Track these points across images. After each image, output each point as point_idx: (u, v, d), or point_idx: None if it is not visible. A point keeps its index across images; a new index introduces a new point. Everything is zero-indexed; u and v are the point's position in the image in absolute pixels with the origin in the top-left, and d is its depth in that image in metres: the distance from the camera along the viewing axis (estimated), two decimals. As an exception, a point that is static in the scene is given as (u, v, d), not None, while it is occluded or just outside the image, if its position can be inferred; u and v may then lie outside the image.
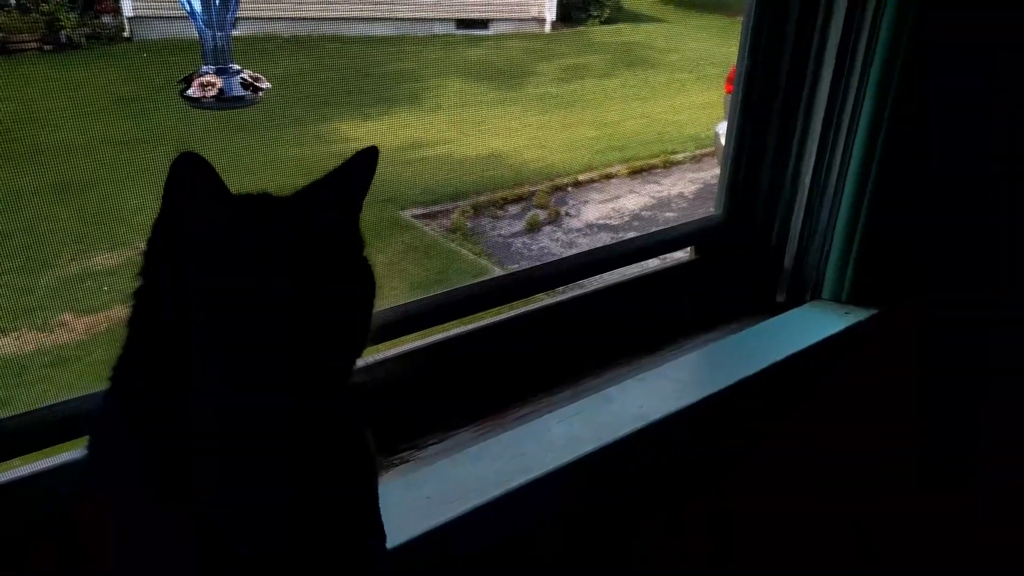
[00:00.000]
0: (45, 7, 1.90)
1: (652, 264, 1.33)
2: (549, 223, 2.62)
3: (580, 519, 1.04)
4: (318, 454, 0.60)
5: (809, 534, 1.37)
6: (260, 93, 0.82)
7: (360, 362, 0.65)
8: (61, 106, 1.76)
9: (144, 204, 1.65)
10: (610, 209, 2.65)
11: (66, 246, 1.64)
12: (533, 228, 2.54)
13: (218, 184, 0.56)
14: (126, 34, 2.01)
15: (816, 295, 1.32)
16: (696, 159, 3.39)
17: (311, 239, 0.60)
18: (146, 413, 0.58)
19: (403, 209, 2.33)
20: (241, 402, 0.56)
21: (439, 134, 2.62)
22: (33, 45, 1.88)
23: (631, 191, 3.03)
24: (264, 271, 0.57)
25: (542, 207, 2.79)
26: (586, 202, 2.92)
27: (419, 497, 0.87)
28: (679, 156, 3.38)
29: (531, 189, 2.83)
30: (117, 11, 2.03)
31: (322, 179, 0.64)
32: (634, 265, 1.30)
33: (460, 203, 2.60)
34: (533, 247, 1.18)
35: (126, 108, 1.88)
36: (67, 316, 1.60)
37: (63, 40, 1.92)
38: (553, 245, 2.23)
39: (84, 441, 0.64)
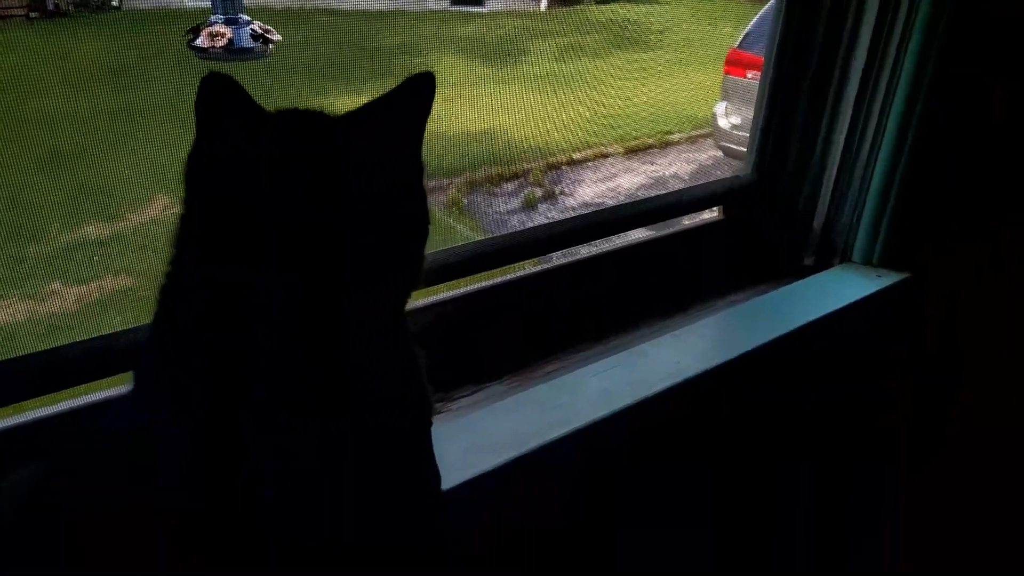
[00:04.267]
0: (33, -27, 1.86)
1: (680, 223, 1.34)
2: (545, 201, 2.60)
3: (615, 473, 1.04)
4: (372, 393, 0.58)
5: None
6: (270, 45, 0.80)
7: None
8: (49, 75, 1.73)
9: (135, 175, 1.63)
10: (605, 188, 2.64)
11: (56, 217, 1.61)
12: (529, 205, 2.53)
13: (250, 103, 0.52)
14: (115, 3, 1.97)
15: (846, 258, 1.32)
16: (692, 140, 3.38)
17: (356, 160, 0.56)
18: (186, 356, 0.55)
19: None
20: (286, 336, 0.53)
21: (434, 110, 2.59)
22: (20, 12, 1.85)
23: (627, 170, 3.01)
24: (305, 193, 0.54)
25: (538, 185, 2.77)
26: (581, 181, 2.91)
27: (457, 448, 0.86)
28: (675, 136, 3.37)
29: (526, 167, 2.81)
30: (107, -21, 1.99)
31: (377, 100, 0.59)
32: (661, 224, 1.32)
33: (455, 179, 2.58)
34: (529, 224, 1.18)
35: (115, 78, 1.85)
36: (57, 286, 1.57)
37: (50, 8, 1.89)
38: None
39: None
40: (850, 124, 1.24)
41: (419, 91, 0.59)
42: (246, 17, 0.79)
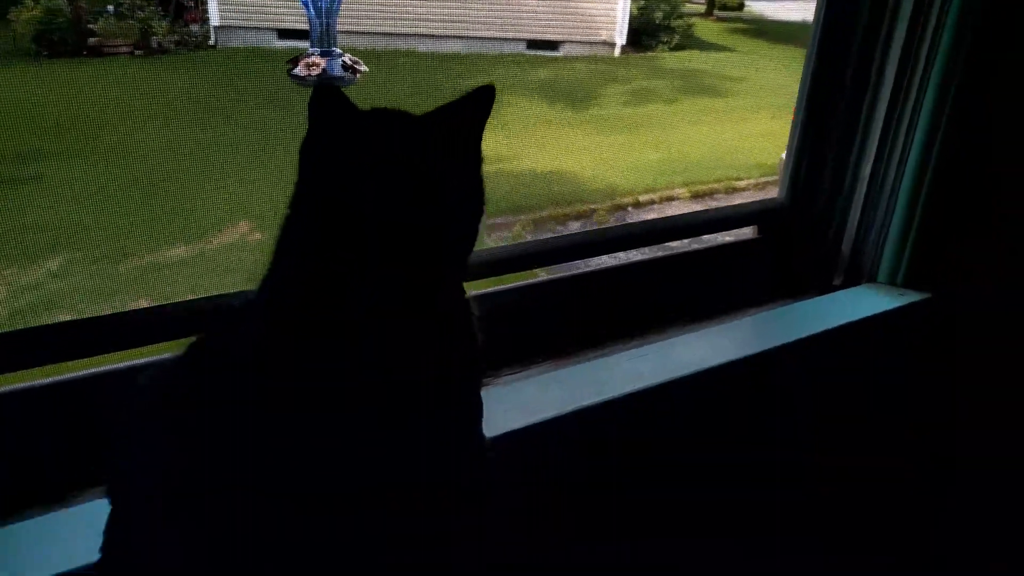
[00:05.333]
0: (140, 15, 2.00)
1: (717, 240, 1.43)
2: (608, 242, 2.62)
3: (639, 443, 1.13)
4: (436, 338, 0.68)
5: (852, 490, 1.39)
6: (357, 75, 0.90)
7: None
8: (148, 107, 1.85)
9: (217, 203, 1.72)
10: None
11: (146, 236, 1.71)
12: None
13: (349, 104, 0.64)
14: (211, 42, 2.10)
15: (872, 279, 1.38)
16: (759, 186, 3.35)
17: (439, 150, 0.67)
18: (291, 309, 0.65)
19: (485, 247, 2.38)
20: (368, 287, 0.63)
21: (503, 150, 2.66)
22: (125, 49, 1.97)
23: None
24: (396, 176, 0.65)
25: (602, 225, 2.79)
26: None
27: (498, 409, 0.97)
28: (742, 183, 3.35)
29: (592, 207, 2.84)
30: (205, 20, 2.12)
31: (449, 105, 0.70)
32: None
33: (521, 217, 2.63)
34: (591, 262, 1.23)
35: (208, 112, 1.96)
36: (144, 302, 1.68)
37: (154, 46, 2.01)
38: (611, 263, 2.24)
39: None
40: (876, 152, 1.32)
41: (483, 98, 0.69)
42: (338, 51, 0.90)
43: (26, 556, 0.74)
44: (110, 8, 2.02)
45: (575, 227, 2.79)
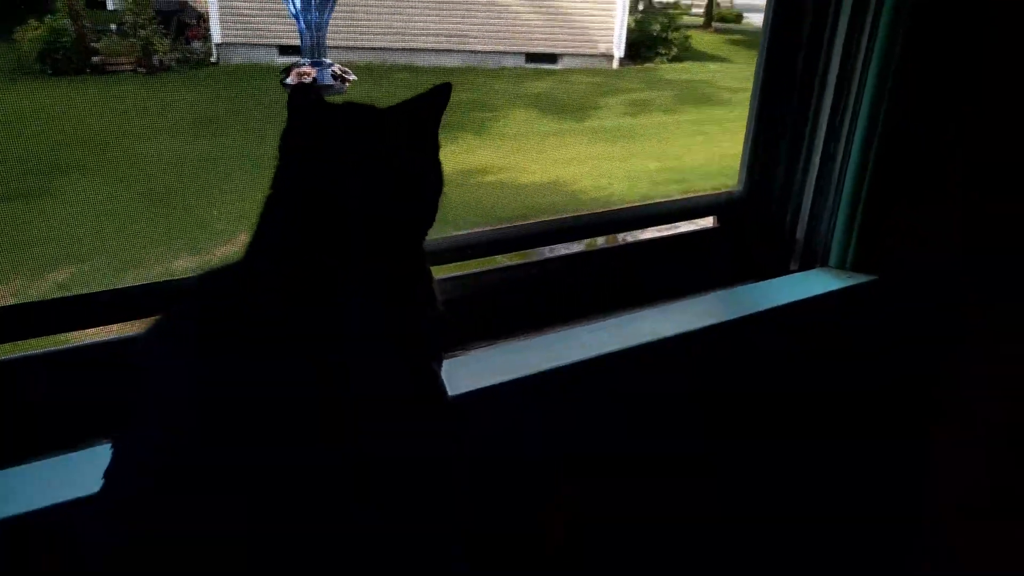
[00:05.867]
0: (143, 32, 2.03)
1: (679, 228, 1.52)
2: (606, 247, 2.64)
3: (596, 408, 1.21)
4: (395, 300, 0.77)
5: (794, 471, 1.50)
6: (347, 84, 0.95)
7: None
8: (152, 123, 1.88)
9: (222, 214, 1.74)
10: (681, 232, 2.65)
11: (151, 249, 1.74)
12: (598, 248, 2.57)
13: (321, 99, 0.76)
14: (213, 59, 2.13)
15: (824, 263, 1.48)
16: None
17: (399, 136, 0.78)
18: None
19: (460, 231, 2.39)
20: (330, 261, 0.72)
21: (502, 161, 2.69)
22: (128, 67, 2.00)
23: (690, 221, 3.03)
24: (361, 157, 0.75)
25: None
26: (644, 229, 2.93)
27: (464, 372, 1.06)
28: (740, 191, 3.36)
29: (601, 210, 2.85)
30: (207, 37, 2.15)
31: (410, 99, 0.80)
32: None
33: (518, 224, 2.64)
34: (556, 249, 1.32)
35: (208, 126, 1.99)
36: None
37: (156, 63, 2.04)
38: (575, 249, 2.28)
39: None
40: (823, 144, 1.41)
41: (440, 94, 0.79)
42: (328, 61, 0.96)
43: (32, 491, 0.80)
44: (113, 27, 2.05)
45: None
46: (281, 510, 0.59)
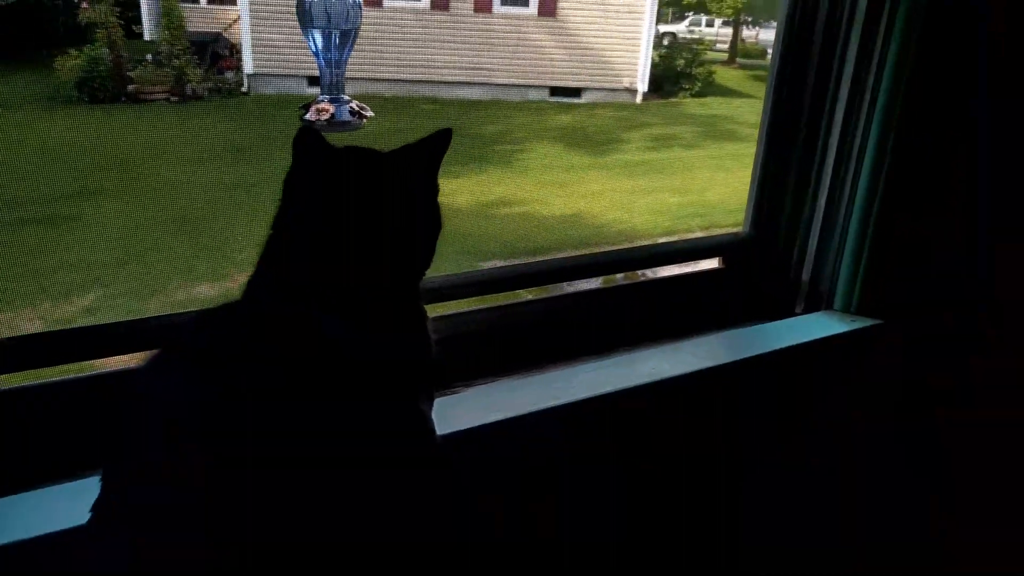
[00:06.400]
0: (176, 62, 2.08)
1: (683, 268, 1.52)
2: (626, 281, 2.63)
3: (591, 447, 1.20)
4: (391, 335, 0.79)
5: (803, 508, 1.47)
6: (364, 120, 0.97)
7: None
8: (181, 151, 1.91)
9: (249, 241, 1.76)
10: (688, 272, 2.64)
11: (175, 275, 1.77)
12: (608, 285, 2.56)
13: (324, 142, 0.75)
14: (244, 89, 2.17)
15: (829, 306, 1.46)
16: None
17: (399, 181, 0.80)
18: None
19: (484, 261, 2.39)
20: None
21: (525, 194, 2.71)
22: (161, 96, 2.05)
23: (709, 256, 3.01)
24: (361, 201, 0.77)
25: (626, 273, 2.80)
26: (665, 264, 2.92)
27: (460, 409, 1.06)
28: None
29: (611, 249, 2.86)
30: (239, 68, 2.20)
31: (411, 144, 0.81)
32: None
33: (539, 258, 2.65)
34: (564, 287, 1.34)
35: (238, 155, 2.02)
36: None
37: (188, 92, 2.09)
38: (585, 287, 2.28)
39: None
40: (829, 186, 1.40)
41: (441, 139, 0.80)
42: (346, 97, 0.98)
43: (24, 521, 0.81)
44: (149, 56, 2.10)
45: (594, 269, 2.80)
46: (275, 539, 0.61)
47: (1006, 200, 1.47)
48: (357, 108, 0.95)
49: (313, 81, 2.09)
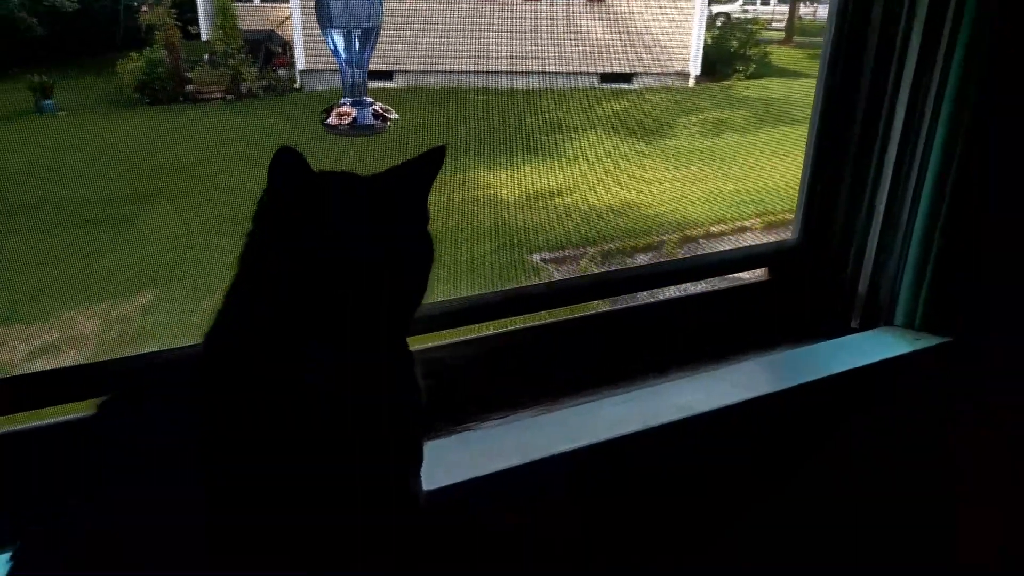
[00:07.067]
0: (232, 62, 2.12)
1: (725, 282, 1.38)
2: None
3: (622, 493, 1.08)
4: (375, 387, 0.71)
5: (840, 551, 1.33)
6: (388, 123, 0.92)
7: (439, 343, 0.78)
8: (235, 149, 1.95)
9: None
10: (727, 286, 2.60)
11: (227, 275, 1.80)
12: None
13: (306, 167, 0.67)
14: (297, 85, 2.20)
15: (889, 321, 1.31)
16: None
17: (382, 210, 0.71)
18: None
19: (533, 253, 2.38)
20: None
21: (575, 183, 2.68)
22: (218, 95, 2.09)
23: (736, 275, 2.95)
24: (342, 232, 0.68)
25: (671, 257, 2.77)
26: (704, 278, 2.87)
27: (472, 452, 0.97)
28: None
29: (661, 239, 2.82)
30: (291, 65, 2.23)
31: (399, 165, 0.74)
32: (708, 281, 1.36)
33: (589, 249, 2.64)
34: (659, 295, 1.21)
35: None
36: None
37: (244, 91, 2.13)
38: (680, 295, 2.23)
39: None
40: (889, 188, 1.26)
41: (431, 160, 0.73)
42: (369, 99, 0.92)
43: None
44: (205, 56, 2.14)
45: (643, 259, 2.78)
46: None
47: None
48: (381, 111, 0.91)
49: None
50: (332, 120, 0.89)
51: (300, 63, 2.20)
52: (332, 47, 0.90)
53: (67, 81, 1.82)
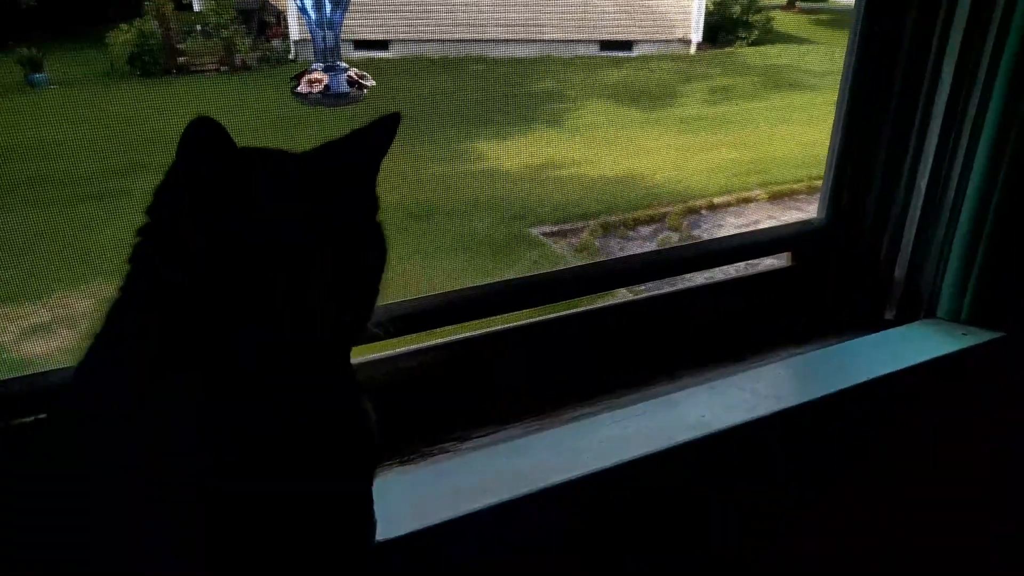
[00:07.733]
0: (225, 32, 2.08)
1: (745, 268, 1.25)
2: (681, 246, 2.58)
3: (610, 533, 0.93)
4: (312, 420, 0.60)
5: None
6: (364, 90, 0.83)
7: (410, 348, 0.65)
8: (229, 121, 1.92)
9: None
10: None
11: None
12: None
13: (228, 141, 0.55)
14: (291, 56, 2.16)
15: (931, 314, 1.17)
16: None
17: (317, 195, 0.59)
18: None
19: (532, 226, 2.35)
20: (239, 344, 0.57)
21: (576, 154, 2.65)
22: (212, 67, 2.06)
23: (769, 216, 2.92)
24: (266, 221, 0.57)
25: (675, 229, 2.74)
26: (721, 225, 2.84)
27: (446, 486, 0.83)
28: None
29: (664, 210, 2.80)
30: (285, 35, 2.19)
31: (340, 138, 0.63)
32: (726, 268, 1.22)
33: (590, 222, 2.61)
34: (665, 285, 1.11)
35: (286, 126, 2.02)
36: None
37: (238, 63, 2.09)
38: (688, 285, 2.23)
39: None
40: (933, 161, 1.11)
41: (382, 131, 0.62)
42: (343, 64, 0.84)
43: None
44: (198, 27, 2.11)
45: (646, 232, 2.75)
46: None
47: None
48: (356, 77, 0.82)
49: (360, 44, 2.07)
50: (302, 88, 0.81)
51: (294, 33, 2.16)
52: (300, 5, 0.81)
53: (59, 54, 1.79)
